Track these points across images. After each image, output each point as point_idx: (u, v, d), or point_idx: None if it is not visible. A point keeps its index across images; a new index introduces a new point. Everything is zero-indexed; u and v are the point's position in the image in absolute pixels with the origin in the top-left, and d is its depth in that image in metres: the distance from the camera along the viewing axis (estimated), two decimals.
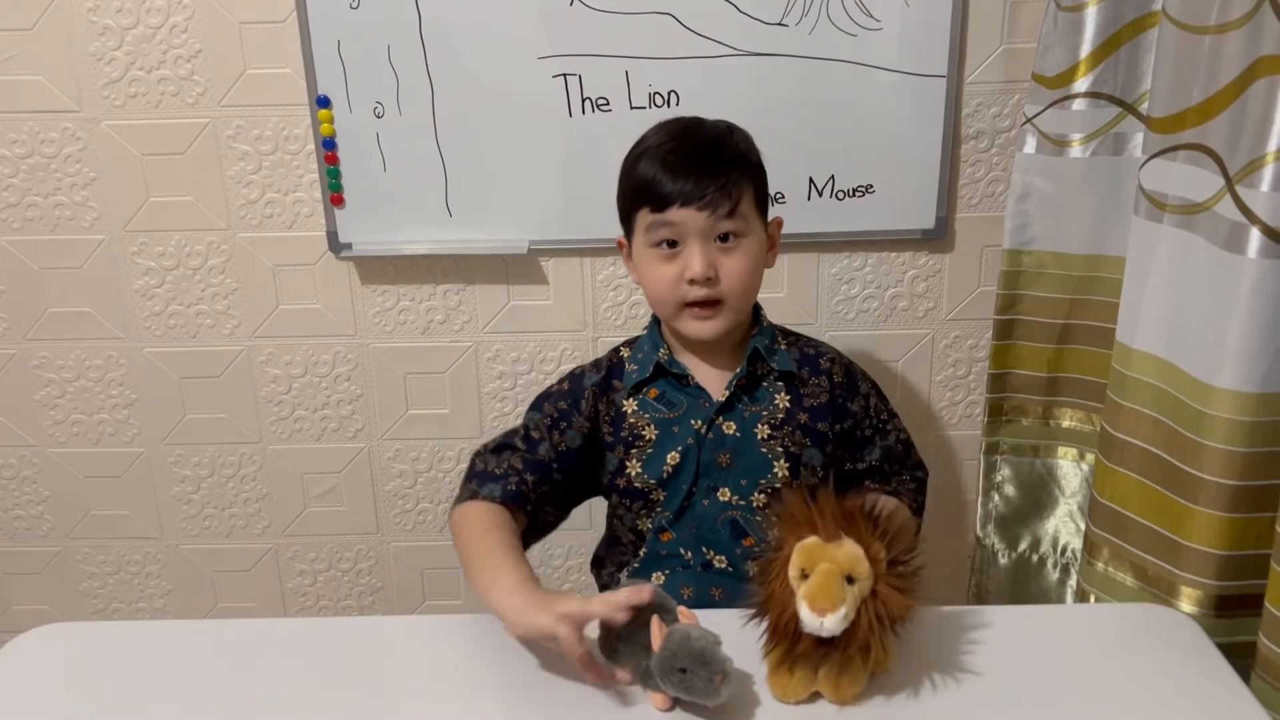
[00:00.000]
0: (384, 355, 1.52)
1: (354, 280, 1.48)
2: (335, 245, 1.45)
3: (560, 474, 1.12)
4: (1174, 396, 0.98)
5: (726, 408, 1.10)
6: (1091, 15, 1.16)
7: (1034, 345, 1.32)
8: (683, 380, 1.11)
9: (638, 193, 1.05)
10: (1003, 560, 1.41)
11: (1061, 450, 1.36)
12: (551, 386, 1.18)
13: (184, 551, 1.64)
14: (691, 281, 1.03)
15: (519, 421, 1.16)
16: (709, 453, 1.09)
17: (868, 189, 1.42)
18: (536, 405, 1.16)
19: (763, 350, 1.10)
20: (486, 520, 1.05)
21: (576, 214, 1.44)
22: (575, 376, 1.17)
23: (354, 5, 1.34)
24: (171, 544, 1.64)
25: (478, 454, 1.16)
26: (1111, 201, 1.22)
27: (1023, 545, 1.40)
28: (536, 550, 1.60)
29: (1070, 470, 1.35)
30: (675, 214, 1.02)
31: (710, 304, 1.05)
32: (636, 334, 1.18)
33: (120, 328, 1.51)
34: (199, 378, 1.54)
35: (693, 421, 1.10)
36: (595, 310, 1.50)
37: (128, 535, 1.63)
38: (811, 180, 1.41)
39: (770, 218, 1.11)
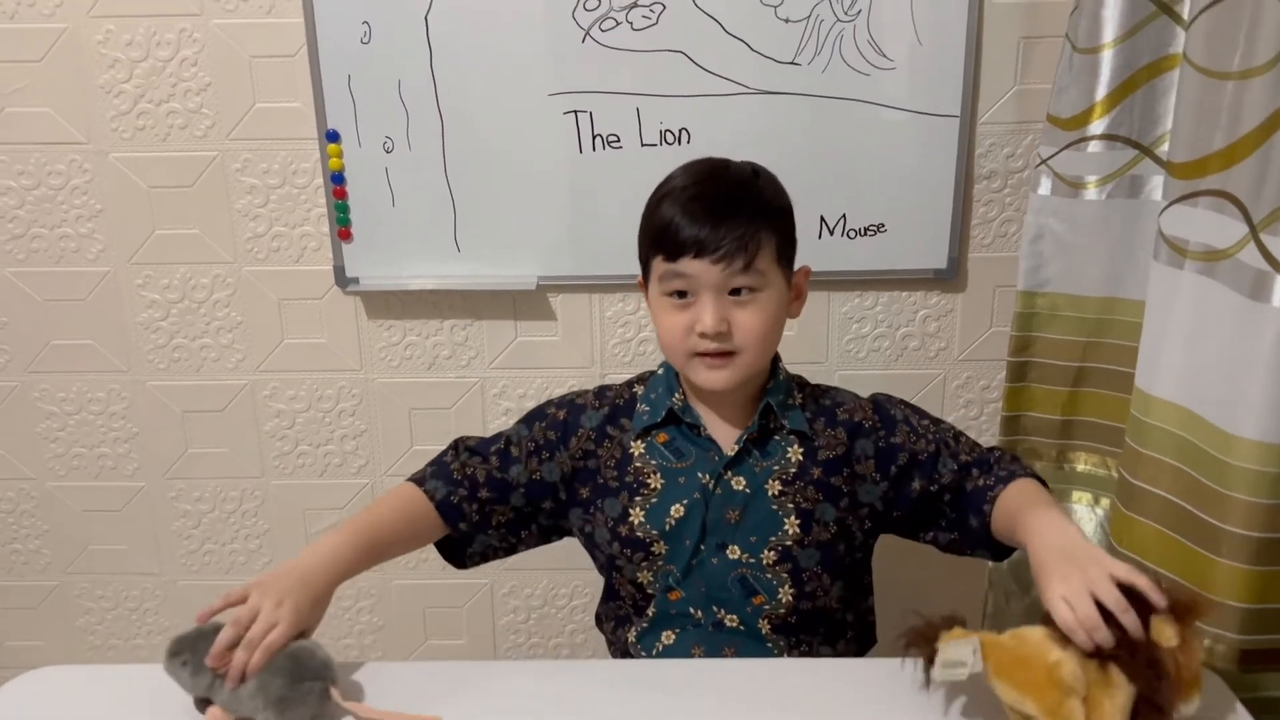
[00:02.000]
0: (389, 390, 1.51)
1: (360, 315, 1.47)
2: (342, 280, 1.44)
3: (524, 501, 1.10)
4: (1195, 445, 0.96)
5: (736, 462, 1.06)
6: (1108, 58, 1.16)
7: (1048, 388, 1.30)
8: (694, 430, 1.08)
9: (653, 238, 1.02)
10: (1016, 604, 1.39)
11: (1076, 494, 1.33)
12: (550, 405, 1.14)
13: (183, 588, 1.62)
14: (701, 335, 0.99)
15: (514, 424, 1.14)
16: (717, 509, 1.05)
17: (879, 228, 1.41)
18: (529, 419, 1.14)
19: (776, 406, 1.06)
20: (398, 504, 1.09)
21: (586, 250, 1.42)
22: (576, 408, 1.13)
23: (365, 40, 1.34)
24: (170, 580, 1.62)
25: (462, 440, 1.15)
26: (1127, 244, 1.21)
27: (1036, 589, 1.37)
28: (540, 590, 1.59)
29: (1085, 515, 1.33)
30: (687, 265, 0.98)
31: (722, 354, 1.01)
32: (651, 369, 1.16)
33: (123, 361, 1.50)
34: (202, 412, 1.52)
35: (700, 475, 1.06)
36: (603, 347, 1.48)
37: (126, 571, 1.61)
38: (823, 219, 1.40)
39: (796, 266, 1.07)
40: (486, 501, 1.10)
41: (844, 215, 1.40)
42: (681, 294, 1.00)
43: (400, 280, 1.44)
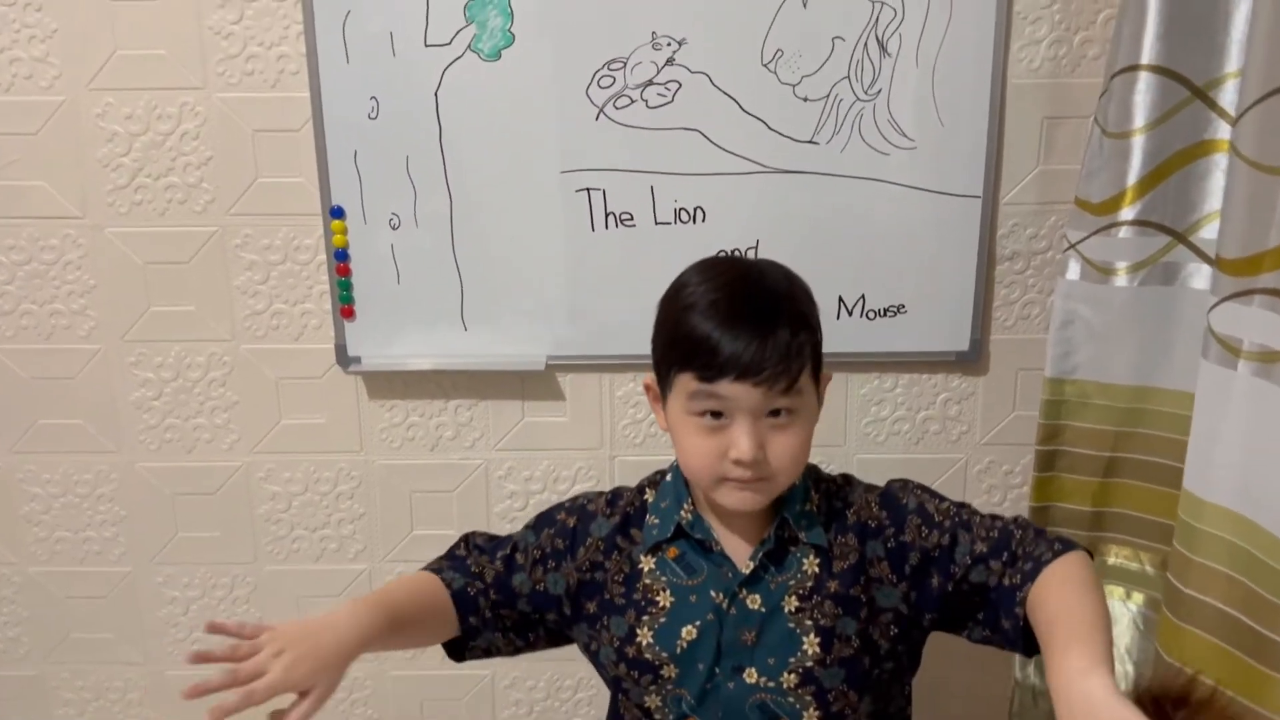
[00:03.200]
0: (389, 472, 1.45)
1: (361, 394, 1.42)
2: (343, 359, 1.39)
3: (530, 609, 1.04)
4: (1252, 555, 0.91)
5: (752, 580, 0.98)
6: (1139, 143, 1.13)
7: (1078, 478, 1.26)
8: (705, 545, 1.01)
9: (683, 353, 0.92)
10: (1044, 704, 1.33)
11: (1108, 588, 1.28)
12: (561, 510, 1.08)
13: (170, 678, 1.54)
14: (736, 462, 0.91)
15: (521, 529, 1.09)
16: (731, 630, 0.98)
17: (899, 309, 1.37)
18: (537, 525, 1.08)
19: (792, 521, 0.99)
20: (416, 586, 1.02)
21: (596, 329, 1.38)
22: (587, 515, 1.06)
23: (373, 115, 1.30)
24: (156, 670, 1.54)
25: (471, 536, 1.09)
26: (1161, 333, 1.17)
27: None
28: (544, 681, 1.52)
29: (1119, 610, 1.27)
30: (726, 388, 0.89)
31: (755, 479, 0.93)
32: (663, 468, 1.09)
33: (113, 441, 1.44)
34: (193, 494, 1.46)
35: (713, 593, 0.99)
36: (614, 428, 1.43)
37: (109, 660, 1.53)
38: (841, 299, 1.36)
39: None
40: (495, 603, 1.04)
41: (863, 296, 1.36)
42: (715, 414, 0.92)
43: (404, 360, 1.39)
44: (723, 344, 0.89)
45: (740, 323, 0.90)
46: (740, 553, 1.00)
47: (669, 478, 1.05)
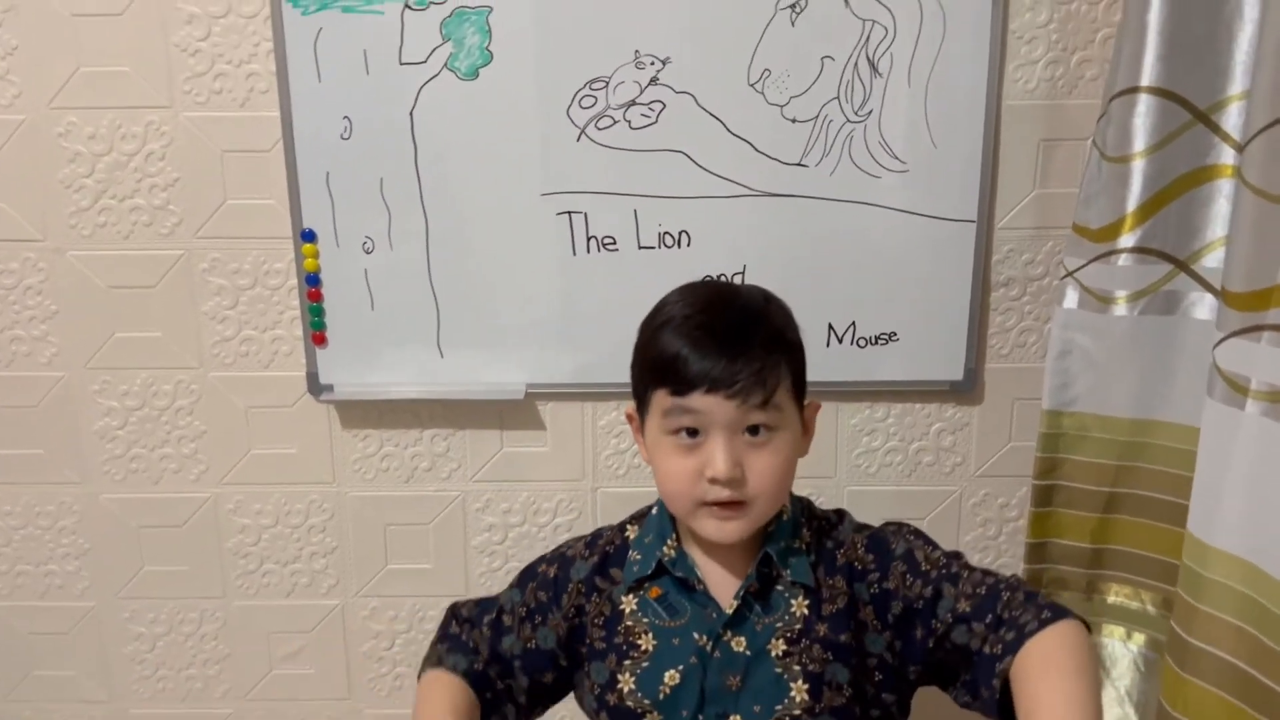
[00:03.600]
0: (363, 505, 1.40)
1: (334, 424, 1.37)
2: (315, 387, 1.34)
3: (525, 674, 0.99)
4: (1262, 605, 0.86)
5: (736, 621, 0.94)
6: (1139, 167, 1.08)
7: (1076, 514, 1.21)
8: (688, 584, 0.96)
9: (656, 370, 0.90)
10: None
11: (1108, 628, 1.23)
12: (542, 562, 1.04)
13: (135, 717, 1.48)
14: (713, 480, 0.88)
15: (505, 588, 1.04)
16: (716, 674, 0.93)
17: (891, 337, 1.32)
18: (522, 581, 1.03)
19: (776, 556, 0.94)
20: (447, 700, 0.95)
21: (578, 356, 1.33)
22: (566, 561, 1.02)
23: (345, 136, 1.26)
24: (121, 708, 1.48)
25: (457, 609, 1.04)
26: (1162, 364, 1.13)
27: None
28: None
29: (1119, 651, 1.23)
30: (699, 400, 0.87)
31: (733, 504, 0.89)
32: (649, 504, 1.05)
33: (76, 472, 1.39)
34: (159, 526, 1.41)
35: (696, 635, 0.94)
36: (596, 458, 1.38)
37: (72, 698, 1.48)
38: (831, 327, 1.32)
39: (806, 401, 0.96)
40: (497, 676, 0.99)
41: (853, 323, 1.32)
42: (690, 433, 0.89)
43: (378, 388, 1.34)
44: (694, 357, 0.87)
45: (713, 336, 0.88)
46: (726, 592, 0.95)
47: (654, 512, 1.01)
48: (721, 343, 0.87)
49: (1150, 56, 1.05)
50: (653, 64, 1.23)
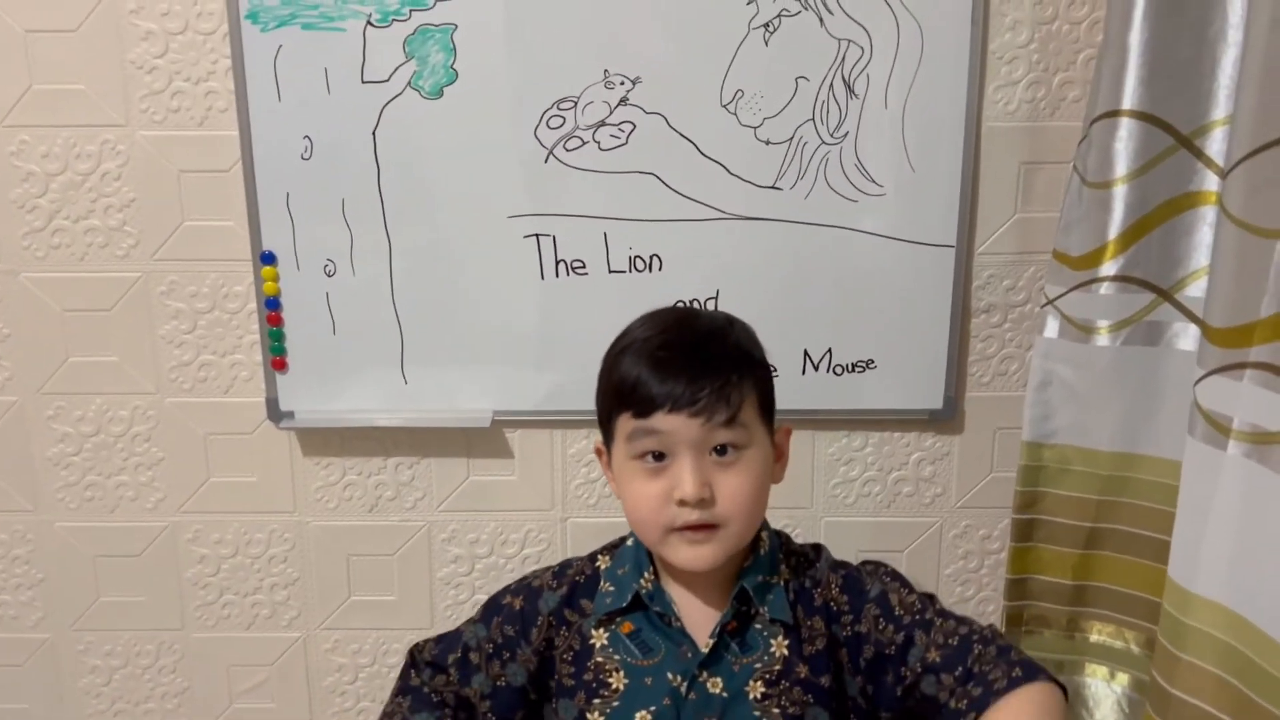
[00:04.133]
0: (325, 534, 1.35)
1: (295, 451, 1.33)
2: (275, 413, 1.30)
3: (495, 714, 0.96)
4: (1245, 656, 0.82)
5: (712, 660, 0.91)
6: (1121, 193, 1.05)
7: (1057, 549, 1.17)
8: (664, 618, 0.93)
9: (619, 394, 0.88)
10: None
11: (1090, 668, 1.19)
12: (507, 594, 1.01)
13: None
14: (681, 502, 0.86)
15: (467, 621, 1.01)
16: (690, 717, 0.90)
17: (869, 364, 1.28)
18: (486, 615, 1.00)
19: (753, 591, 0.91)
20: None
21: (547, 383, 1.29)
22: (532, 592, 0.99)
23: (306, 156, 1.22)
24: None
25: (417, 653, 1.00)
26: (1145, 396, 1.09)
27: None
28: None
29: (1102, 691, 1.19)
30: (662, 420, 0.85)
31: (704, 527, 0.87)
32: (623, 534, 1.01)
33: (29, 499, 1.34)
34: (116, 556, 1.36)
35: (670, 675, 0.91)
36: (565, 488, 1.34)
37: None
38: (807, 353, 1.28)
39: (776, 425, 0.94)
40: None
41: (829, 350, 1.28)
42: (656, 456, 0.87)
43: (340, 415, 1.30)
44: (655, 377, 0.86)
45: (674, 356, 0.86)
46: (703, 628, 0.92)
47: (629, 543, 0.98)
48: (683, 362, 0.86)
49: (1132, 79, 1.02)
50: (623, 84, 1.20)
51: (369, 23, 1.18)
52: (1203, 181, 1.01)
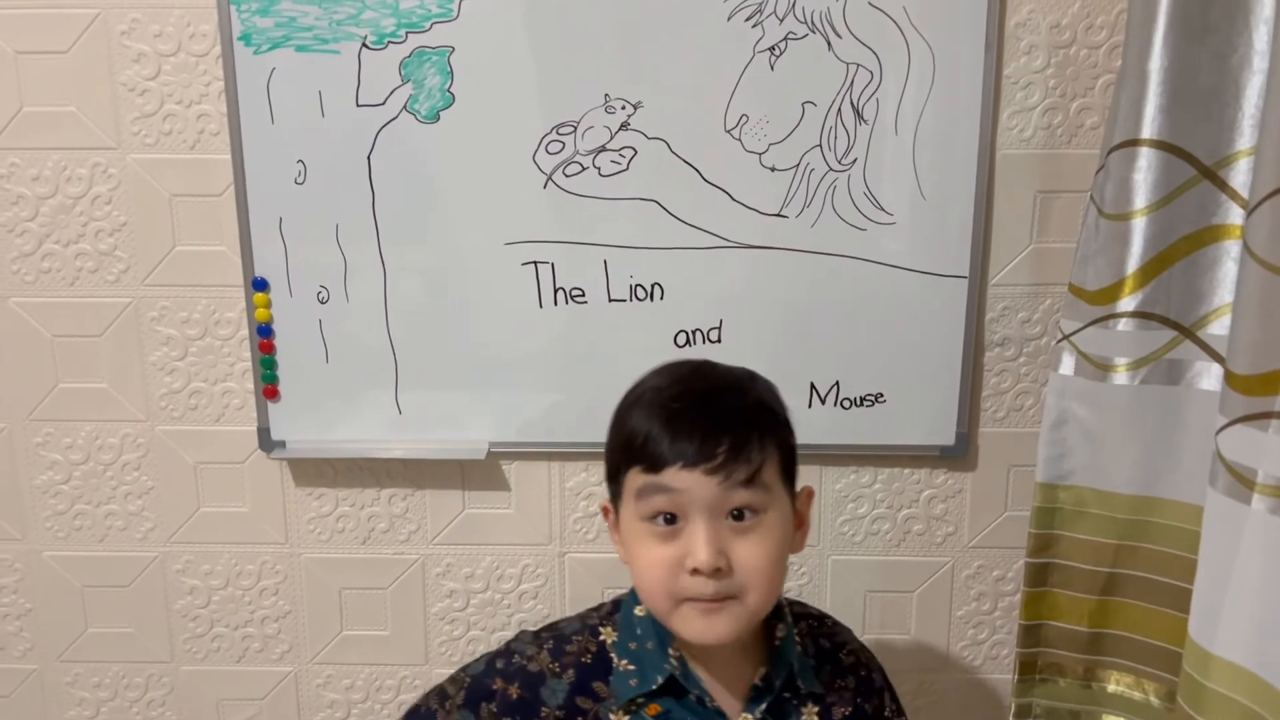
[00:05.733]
0: (317, 567, 1.32)
1: (287, 482, 1.30)
2: (267, 443, 1.27)
3: None
4: None
5: None
6: (1140, 226, 1.00)
7: (1073, 595, 1.12)
8: (699, 701, 0.84)
9: (628, 447, 0.81)
10: None
11: (1106, 718, 1.14)
12: (496, 677, 0.89)
13: None
14: (694, 571, 0.78)
15: (445, 707, 0.90)
16: None
17: (878, 398, 1.24)
18: (470, 701, 0.88)
19: (796, 666, 0.85)
20: None
21: (545, 414, 1.26)
22: (530, 678, 0.87)
23: (300, 180, 1.19)
24: None
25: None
26: (1165, 437, 1.04)
27: None
28: None
29: None
30: (675, 477, 0.78)
31: (718, 598, 0.79)
32: (616, 598, 0.94)
33: (17, 528, 1.32)
34: (105, 586, 1.33)
35: None
36: (563, 522, 1.30)
37: None
38: (813, 386, 1.24)
39: (798, 487, 0.87)
40: None
41: (837, 383, 1.23)
42: (667, 519, 0.79)
43: (333, 445, 1.26)
44: (669, 431, 0.78)
45: (690, 408, 0.79)
46: (729, 703, 0.85)
47: (638, 612, 0.88)
48: (699, 414, 0.79)
49: (1151, 107, 0.97)
50: (624, 108, 1.16)
51: (364, 45, 1.15)
52: (1226, 215, 0.97)
